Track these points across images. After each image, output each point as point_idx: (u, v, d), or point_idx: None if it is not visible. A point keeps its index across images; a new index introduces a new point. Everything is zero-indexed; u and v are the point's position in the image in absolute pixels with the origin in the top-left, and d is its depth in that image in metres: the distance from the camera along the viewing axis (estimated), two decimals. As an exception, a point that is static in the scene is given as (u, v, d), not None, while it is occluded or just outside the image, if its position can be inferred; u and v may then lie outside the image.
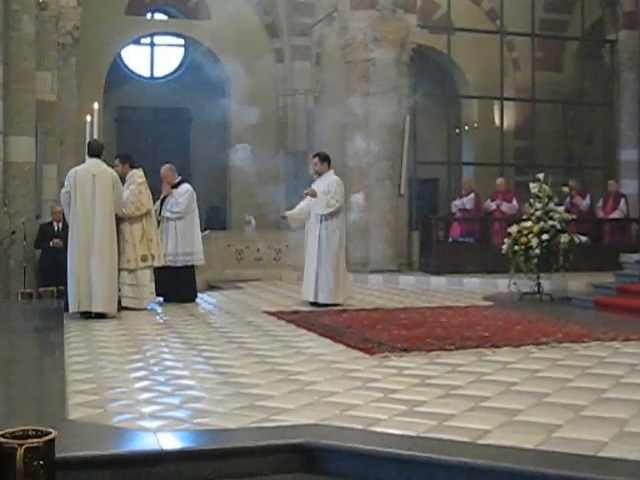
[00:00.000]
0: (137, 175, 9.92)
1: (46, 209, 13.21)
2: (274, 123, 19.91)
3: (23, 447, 3.44)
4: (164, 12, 21.23)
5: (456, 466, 3.83)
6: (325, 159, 10.42)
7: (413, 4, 15.34)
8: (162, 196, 10.68)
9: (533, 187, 11.29)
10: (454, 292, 12.33)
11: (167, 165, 10.96)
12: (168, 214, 10.59)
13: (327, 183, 10.19)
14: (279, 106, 20.25)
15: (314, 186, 10.33)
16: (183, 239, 10.55)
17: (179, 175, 11.01)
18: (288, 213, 10.71)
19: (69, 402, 4.94)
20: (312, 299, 10.10)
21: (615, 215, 15.46)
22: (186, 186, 10.79)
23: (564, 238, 10.82)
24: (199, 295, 11.03)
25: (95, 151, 9.18)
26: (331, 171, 10.42)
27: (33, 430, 3.60)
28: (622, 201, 15.46)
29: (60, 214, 11.62)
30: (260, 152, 12.93)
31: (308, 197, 10.35)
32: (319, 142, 18.90)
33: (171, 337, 7.69)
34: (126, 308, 9.47)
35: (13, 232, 11.85)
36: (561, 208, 11.20)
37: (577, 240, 10.95)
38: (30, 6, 12.38)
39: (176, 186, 10.75)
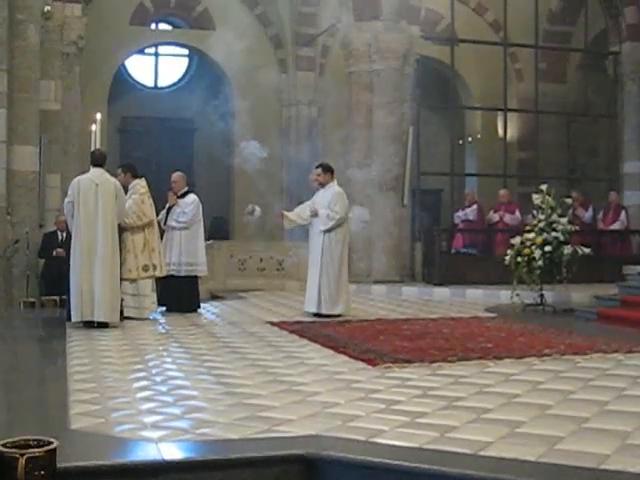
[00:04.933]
0: (140, 185, 9.93)
1: (49, 218, 13.23)
2: (278, 133, 19.95)
3: (24, 457, 3.44)
4: (168, 22, 21.31)
5: (458, 478, 3.81)
6: (328, 170, 10.38)
7: (417, 15, 15.40)
8: (168, 205, 10.71)
9: (536, 198, 11.29)
10: (457, 303, 12.31)
11: (179, 172, 11.03)
12: (174, 223, 10.62)
13: (330, 195, 10.17)
14: (283, 116, 20.31)
15: (316, 199, 10.33)
16: (187, 249, 10.58)
17: (186, 185, 11.05)
18: (285, 213, 10.71)
19: (71, 412, 4.92)
20: (315, 310, 10.09)
21: (615, 226, 15.47)
22: (192, 196, 10.82)
23: (567, 250, 10.81)
24: (202, 305, 11.04)
25: (98, 161, 9.19)
26: (334, 182, 10.39)
27: (34, 440, 3.60)
28: (622, 213, 15.49)
29: (64, 223, 11.60)
30: (263, 162, 12.93)
31: (306, 203, 10.39)
32: (322, 152, 18.96)
33: (173, 347, 7.68)
34: (128, 318, 9.48)
35: (16, 241, 11.86)
36: (564, 220, 11.19)
37: (580, 252, 10.95)
38: (35, 16, 12.43)
39: (182, 196, 10.79)
